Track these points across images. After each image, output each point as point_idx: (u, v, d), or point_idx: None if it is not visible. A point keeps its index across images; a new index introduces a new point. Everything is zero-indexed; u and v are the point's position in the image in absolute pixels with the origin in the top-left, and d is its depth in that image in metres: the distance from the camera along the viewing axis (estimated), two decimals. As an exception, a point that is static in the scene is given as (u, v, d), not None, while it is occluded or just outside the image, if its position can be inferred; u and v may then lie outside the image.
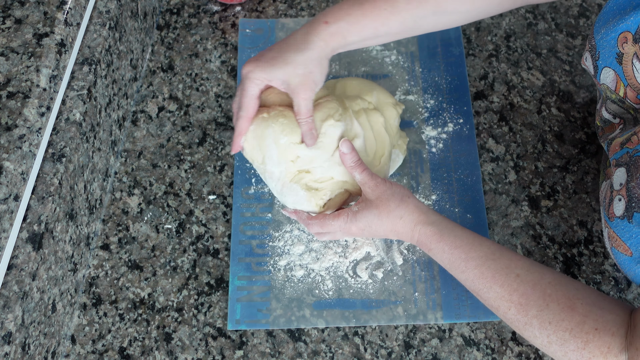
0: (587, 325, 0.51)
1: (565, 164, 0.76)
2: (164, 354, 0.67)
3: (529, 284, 0.55)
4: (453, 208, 0.73)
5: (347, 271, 0.70)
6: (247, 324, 0.68)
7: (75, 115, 0.66)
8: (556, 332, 0.52)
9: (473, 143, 0.77)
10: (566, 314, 0.52)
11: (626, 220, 0.53)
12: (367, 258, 0.71)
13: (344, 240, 0.72)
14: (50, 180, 0.62)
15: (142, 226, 0.74)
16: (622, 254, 0.54)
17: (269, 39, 0.86)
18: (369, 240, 0.71)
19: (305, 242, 0.72)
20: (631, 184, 0.53)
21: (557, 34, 0.85)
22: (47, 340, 0.63)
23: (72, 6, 0.65)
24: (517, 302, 0.55)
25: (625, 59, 0.57)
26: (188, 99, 0.82)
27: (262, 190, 0.75)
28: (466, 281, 0.59)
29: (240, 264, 0.71)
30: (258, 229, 0.73)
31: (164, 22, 0.88)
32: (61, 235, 0.64)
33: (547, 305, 0.53)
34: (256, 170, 0.71)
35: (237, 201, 0.75)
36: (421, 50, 0.84)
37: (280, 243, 0.72)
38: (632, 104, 0.59)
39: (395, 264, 0.71)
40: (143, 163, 0.78)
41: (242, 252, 0.72)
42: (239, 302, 0.69)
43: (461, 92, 0.81)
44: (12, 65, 0.60)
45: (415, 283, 0.70)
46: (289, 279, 0.70)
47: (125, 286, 0.71)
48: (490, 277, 0.57)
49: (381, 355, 0.67)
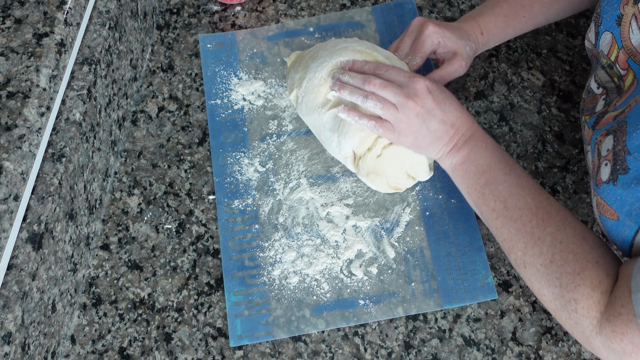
0: (591, 255, 0.55)
1: (565, 164, 0.76)
2: (164, 354, 0.67)
3: (554, 208, 0.60)
4: (437, 195, 0.74)
5: (342, 271, 0.70)
6: (249, 338, 0.67)
7: (75, 115, 0.66)
8: (562, 252, 0.56)
9: None
10: (578, 240, 0.57)
11: (611, 183, 0.54)
12: (359, 255, 0.71)
13: (335, 241, 0.72)
14: (50, 180, 0.62)
15: (142, 226, 0.74)
16: (609, 220, 0.55)
17: (231, 51, 0.85)
18: (358, 237, 0.71)
19: (295, 249, 0.72)
20: (617, 148, 0.54)
21: (557, 34, 0.85)
22: (47, 341, 0.63)
23: (72, 6, 0.65)
24: (540, 217, 0.59)
25: (624, 20, 0.59)
26: (188, 99, 0.82)
27: (245, 202, 0.75)
28: (503, 183, 0.62)
29: (234, 279, 0.71)
30: (247, 242, 0.73)
31: (164, 22, 0.88)
32: (61, 235, 0.64)
33: (564, 227, 0.58)
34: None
35: (221, 217, 0.74)
36: (384, 45, 0.85)
37: (271, 253, 0.72)
38: (619, 71, 0.61)
39: (388, 257, 0.71)
40: (143, 163, 0.78)
41: (234, 267, 0.71)
42: (238, 318, 0.69)
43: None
44: (12, 65, 0.60)
45: (410, 273, 0.70)
46: (285, 287, 0.70)
47: (125, 286, 0.71)
48: (527, 188, 0.61)
49: (381, 355, 0.67)
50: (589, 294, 0.53)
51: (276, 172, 0.76)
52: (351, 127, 0.69)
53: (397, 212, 0.73)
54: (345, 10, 0.88)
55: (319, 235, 0.72)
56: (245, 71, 0.83)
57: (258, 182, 0.76)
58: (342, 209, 0.73)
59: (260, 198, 0.75)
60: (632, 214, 0.52)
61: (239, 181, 0.76)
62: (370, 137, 0.69)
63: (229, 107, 0.81)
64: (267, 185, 0.76)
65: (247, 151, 0.78)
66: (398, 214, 0.73)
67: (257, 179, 0.76)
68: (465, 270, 0.70)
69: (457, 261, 0.70)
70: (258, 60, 0.84)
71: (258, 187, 0.75)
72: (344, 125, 0.69)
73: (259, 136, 0.79)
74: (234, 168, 0.77)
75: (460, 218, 0.73)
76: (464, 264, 0.70)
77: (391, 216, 0.73)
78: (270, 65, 0.84)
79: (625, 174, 0.52)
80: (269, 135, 0.79)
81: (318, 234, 0.72)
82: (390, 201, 0.74)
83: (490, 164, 0.63)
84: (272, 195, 0.75)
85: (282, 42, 0.86)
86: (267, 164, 0.77)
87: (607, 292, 0.53)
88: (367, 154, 0.69)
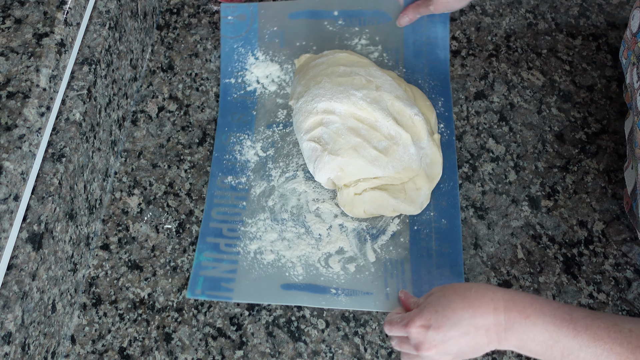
0: None
1: (565, 164, 0.76)
2: (164, 354, 0.67)
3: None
4: (429, 212, 0.73)
5: (319, 261, 0.70)
6: (208, 295, 0.68)
7: (75, 115, 0.66)
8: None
9: (452, 148, 0.76)
10: None
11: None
12: (340, 252, 0.71)
13: (318, 234, 0.72)
14: (50, 180, 0.62)
15: (142, 226, 0.74)
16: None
17: (251, 26, 0.84)
18: (342, 236, 0.71)
19: (278, 232, 0.72)
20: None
21: (557, 34, 0.85)
22: (47, 341, 0.63)
23: (72, 6, 0.65)
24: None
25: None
26: (188, 99, 0.82)
27: (239, 180, 0.75)
28: (580, 348, 0.51)
29: (208, 243, 0.71)
30: (231, 215, 0.73)
31: (164, 22, 0.88)
32: (61, 235, 0.64)
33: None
34: None
35: (212, 188, 0.75)
36: (407, 48, 0.82)
37: (253, 229, 0.72)
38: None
39: (368, 260, 0.70)
40: (143, 163, 0.78)
41: (212, 233, 0.72)
42: (202, 275, 0.69)
43: (444, 97, 0.79)
44: (12, 65, 0.60)
45: (387, 280, 0.69)
46: (258, 262, 0.70)
47: (125, 286, 0.71)
48: (606, 337, 0.50)
49: (381, 355, 0.67)
50: None
51: (275, 159, 0.76)
52: (327, 165, 0.70)
53: (385, 220, 0.73)
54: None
55: (304, 225, 0.72)
56: (263, 51, 0.83)
57: (255, 165, 0.76)
58: (332, 207, 0.73)
59: (254, 180, 0.75)
60: None
61: (237, 160, 0.77)
62: (346, 177, 0.70)
63: (242, 88, 0.81)
64: (265, 170, 0.76)
65: (252, 135, 0.78)
66: (386, 223, 0.72)
67: (256, 162, 0.76)
68: None
69: (436, 280, 0.69)
70: (277, 40, 0.84)
71: (255, 170, 0.76)
72: (320, 162, 0.70)
73: (266, 122, 0.79)
74: (235, 147, 0.78)
75: (447, 240, 0.71)
76: (441, 284, 0.67)
77: (379, 223, 0.72)
78: (288, 48, 0.83)
79: None
80: (275, 124, 0.79)
81: (304, 224, 0.72)
82: None
83: (551, 336, 0.52)
84: (267, 180, 0.75)
85: (304, 22, 0.84)
86: (269, 151, 0.77)
87: None
88: (344, 189, 0.71)
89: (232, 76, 0.82)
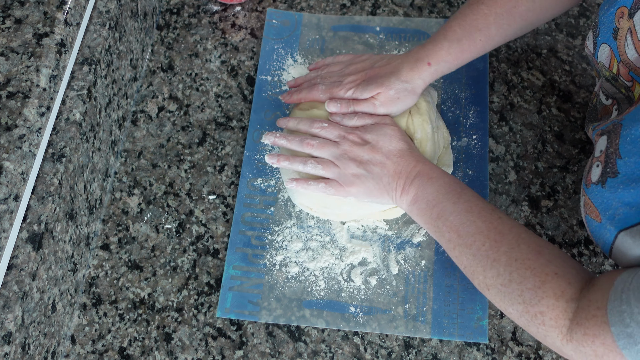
0: (549, 268, 0.55)
1: (565, 164, 0.76)
2: (164, 354, 0.67)
3: (507, 226, 0.59)
4: None
5: (342, 274, 0.70)
6: (236, 313, 0.68)
7: (75, 115, 0.66)
8: (519, 270, 0.56)
9: (485, 161, 0.76)
10: (533, 255, 0.56)
11: (600, 185, 0.53)
12: (363, 263, 0.71)
13: (342, 243, 0.72)
14: (50, 180, 0.62)
15: (142, 226, 0.74)
16: (593, 221, 0.55)
17: (294, 32, 0.85)
18: (367, 247, 0.71)
19: (303, 240, 0.72)
20: (610, 150, 0.54)
21: (557, 34, 0.85)
22: (47, 340, 0.63)
23: (72, 6, 0.65)
24: (492, 239, 0.58)
25: (620, 34, 0.57)
26: (188, 99, 0.82)
27: (268, 183, 0.75)
28: (453, 212, 0.61)
29: (237, 253, 0.71)
30: (259, 221, 0.73)
31: (164, 22, 0.88)
32: (61, 235, 0.64)
33: (518, 245, 0.57)
34: None
35: (242, 191, 0.75)
36: None
37: (279, 238, 0.72)
38: (624, 82, 0.60)
39: (390, 272, 0.70)
40: (143, 163, 0.78)
41: (241, 242, 0.72)
42: (231, 291, 0.69)
43: (480, 106, 0.79)
44: (12, 65, 0.60)
45: (407, 295, 0.69)
46: (283, 275, 0.70)
47: (125, 286, 0.71)
48: (477, 213, 0.60)
49: (381, 355, 0.67)
50: (553, 305, 0.53)
51: None
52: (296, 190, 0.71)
53: (411, 230, 0.72)
54: (412, 17, 0.86)
55: (329, 233, 0.72)
56: (303, 54, 0.84)
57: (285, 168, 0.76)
58: None
59: (283, 183, 0.75)
60: (615, 218, 0.51)
61: None
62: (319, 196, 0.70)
63: (277, 87, 0.82)
64: None
65: None
66: (412, 233, 0.72)
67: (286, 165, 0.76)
68: (463, 306, 0.68)
69: (458, 295, 0.69)
70: (317, 47, 0.84)
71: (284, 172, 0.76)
72: (291, 190, 0.72)
73: None
74: (267, 147, 0.78)
75: None
76: (463, 300, 0.68)
77: (405, 233, 0.72)
78: (328, 54, 0.84)
79: (614, 177, 0.52)
80: None
81: (329, 231, 0.72)
82: (408, 218, 0.73)
83: (438, 197, 0.62)
84: None
85: (347, 35, 0.85)
86: None
87: (573, 299, 0.52)
88: None
89: (268, 73, 0.82)
